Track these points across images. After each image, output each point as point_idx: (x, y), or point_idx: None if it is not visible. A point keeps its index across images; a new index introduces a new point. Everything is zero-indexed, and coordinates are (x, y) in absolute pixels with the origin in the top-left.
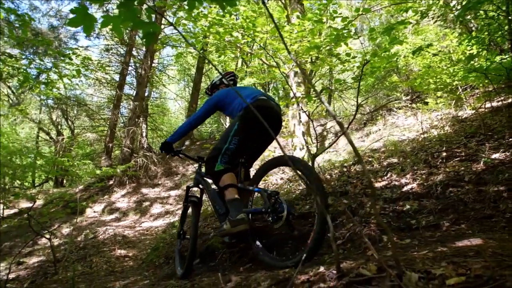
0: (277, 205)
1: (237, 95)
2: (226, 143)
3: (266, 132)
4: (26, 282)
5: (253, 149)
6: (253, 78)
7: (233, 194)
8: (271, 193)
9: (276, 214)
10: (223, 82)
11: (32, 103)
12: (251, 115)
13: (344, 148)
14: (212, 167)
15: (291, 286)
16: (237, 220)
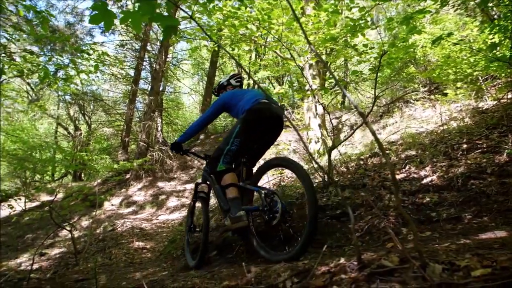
0: (273, 204)
1: (241, 97)
2: (228, 144)
3: (267, 133)
4: (48, 272)
5: (255, 150)
6: (267, 71)
7: (234, 193)
8: (268, 192)
9: (272, 212)
10: (231, 83)
11: (50, 99)
12: (252, 117)
13: (360, 141)
14: (214, 167)
15: (312, 277)
16: (237, 217)
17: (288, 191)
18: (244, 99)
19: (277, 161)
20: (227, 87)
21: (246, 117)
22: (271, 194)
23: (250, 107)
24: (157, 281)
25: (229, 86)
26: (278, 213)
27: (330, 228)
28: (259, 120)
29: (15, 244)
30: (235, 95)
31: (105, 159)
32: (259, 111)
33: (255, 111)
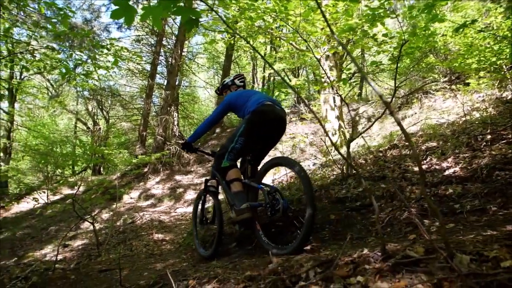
0: (275, 201)
1: (246, 98)
2: (233, 142)
3: (270, 134)
4: (72, 263)
5: (258, 149)
6: (283, 63)
7: (238, 187)
8: (270, 190)
9: (274, 209)
10: (235, 83)
11: (70, 95)
12: (256, 118)
13: (378, 133)
14: (219, 164)
15: (335, 267)
16: (241, 210)
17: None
18: (249, 100)
19: (279, 160)
20: (231, 87)
21: (251, 118)
22: (274, 192)
23: (255, 108)
24: (179, 271)
25: (233, 86)
26: (280, 210)
27: (350, 220)
28: (263, 121)
29: (39, 236)
30: (240, 96)
31: (123, 153)
32: (263, 113)
33: (259, 112)
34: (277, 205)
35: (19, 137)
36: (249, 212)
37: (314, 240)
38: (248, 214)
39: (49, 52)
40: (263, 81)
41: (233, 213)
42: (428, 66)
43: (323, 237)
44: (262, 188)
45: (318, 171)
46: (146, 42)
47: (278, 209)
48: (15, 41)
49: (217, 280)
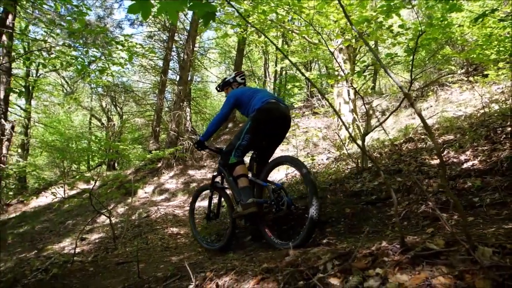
0: (280, 198)
1: (251, 95)
2: (240, 139)
3: (275, 131)
4: (90, 256)
5: (264, 147)
6: (295, 57)
7: (244, 182)
8: (275, 187)
9: (278, 205)
10: (236, 80)
11: (84, 91)
12: (262, 116)
13: (393, 126)
14: (227, 160)
15: (353, 260)
16: (247, 204)
17: (320, 177)
18: (254, 98)
19: (283, 159)
20: (232, 84)
21: (256, 115)
22: (279, 190)
23: (260, 106)
24: (196, 264)
25: (234, 83)
26: (284, 206)
27: (366, 214)
28: (268, 118)
29: (57, 229)
30: (246, 93)
31: (137, 149)
32: (268, 110)
33: (265, 110)
34: (281, 202)
35: (36, 134)
36: (255, 207)
37: (330, 234)
38: (254, 209)
39: (65, 49)
40: (275, 76)
41: (240, 207)
42: (444, 58)
43: (339, 230)
44: (267, 186)
45: (332, 165)
46: (158, 38)
47: (282, 206)
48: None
49: (235, 272)
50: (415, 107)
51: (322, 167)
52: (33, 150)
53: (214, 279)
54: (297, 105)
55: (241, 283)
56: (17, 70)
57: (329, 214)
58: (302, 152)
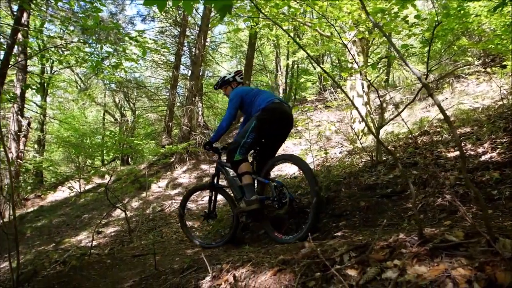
0: (281, 195)
1: (255, 95)
2: (245, 137)
3: (279, 131)
4: (106, 248)
5: (268, 145)
6: (307, 50)
7: (248, 180)
8: (277, 184)
9: (281, 202)
10: (236, 79)
11: (98, 88)
12: (267, 116)
13: (407, 119)
14: (232, 157)
15: (371, 252)
16: (251, 201)
17: (334, 171)
18: (257, 98)
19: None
20: (232, 83)
21: (262, 115)
22: (280, 186)
23: (265, 106)
24: (212, 256)
25: (234, 83)
26: (286, 203)
27: (381, 207)
28: (273, 118)
29: (74, 223)
30: (250, 93)
31: (150, 144)
32: (273, 110)
33: (270, 110)
34: (283, 199)
35: (51, 130)
36: (258, 203)
37: (345, 227)
38: (257, 205)
39: (80, 45)
40: (286, 69)
41: (243, 204)
42: (460, 49)
43: (354, 223)
44: (269, 183)
45: (346, 159)
46: (169, 33)
47: (285, 202)
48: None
49: (251, 263)
50: (434, 97)
51: (335, 161)
52: (49, 145)
53: (230, 271)
54: (310, 98)
55: (258, 274)
56: (32, 67)
57: (343, 208)
58: (315, 146)
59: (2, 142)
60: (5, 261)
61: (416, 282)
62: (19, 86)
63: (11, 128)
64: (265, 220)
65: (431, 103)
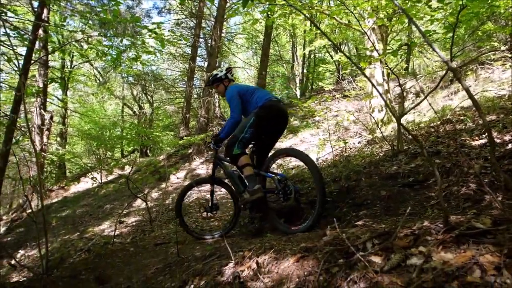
0: (287, 187)
1: (252, 93)
2: (243, 132)
3: (276, 127)
4: (128, 237)
5: (265, 141)
6: (324, 39)
7: (250, 171)
8: (281, 178)
9: (286, 194)
10: (228, 77)
11: (116, 81)
12: (264, 113)
13: (428, 108)
14: (231, 151)
15: (394, 239)
16: (254, 190)
17: (353, 161)
18: (254, 95)
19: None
20: (224, 81)
21: (260, 112)
22: (284, 180)
23: (264, 103)
24: (233, 244)
25: (226, 80)
26: (292, 196)
27: (403, 196)
28: (271, 115)
29: (96, 213)
30: (248, 91)
31: (168, 135)
32: (271, 108)
33: (268, 107)
34: (289, 191)
35: (72, 123)
36: (262, 192)
37: (365, 216)
38: (261, 194)
39: (101, 38)
40: (303, 59)
41: (247, 194)
42: (485, 34)
43: (375, 213)
44: (272, 177)
45: (365, 149)
46: (185, 25)
47: (290, 195)
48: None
49: (274, 250)
50: (462, 82)
51: (354, 151)
52: (71, 138)
53: (253, 257)
54: (327, 88)
55: (281, 261)
56: (53, 62)
57: (364, 197)
58: (332, 136)
59: (29, 136)
60: (33, 248)
61: (442, 268)
62: (41, 81)
63: (35, 122)
64: (271, 213)
65: (453, 91)
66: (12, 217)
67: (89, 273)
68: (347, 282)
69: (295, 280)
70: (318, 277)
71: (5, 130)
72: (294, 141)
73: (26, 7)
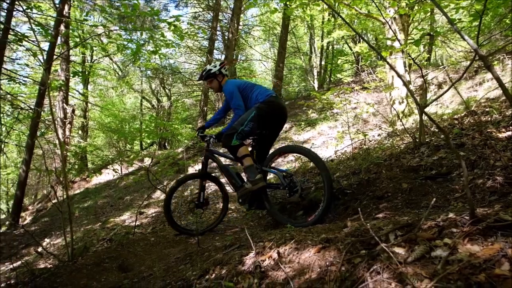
0: (292, 183)
1: (252, 89)
2: (243, 125)
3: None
4: (148, 228)
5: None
6: (343, 30)
7: (249, 161)
8: (287, 174)
9: (292, 190)
10: (222, 72)
11: (135, 75)
12: (266, 108)
13: (451, 99)
14: (229, 142)
15: (418, 230)
16: (256, 180)
17: (373, 153)
18: (255, 91)
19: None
20: (217, 76)
21: (262, 106)
22: (290, 176)
23: (266, 99)
24: (253, 235)
25: (219, 75)
26: (298, 191)
27: (425, 189)
28: (272, 111)
29: (117, 204)
30: (246, 86)
31: (186, 128)
32: (273, 103)
33: (270, 102)
34: (294, 187)
35: (93, 116)
36: (263, 181)
37: (386, 209)
38: (263, 183)
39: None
40: (321, 51)
41: (249, 184)
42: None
43: (396, 205)
44: (276, 173)
45: (385, 141)
46: (202, 18)
47: (296, 190)
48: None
49: (294, 241)
50: (492, 70)
51: (374, 143)
52: (92, 131)
53: (273, 248)
54: (346, 80)
55: (302, 251)
56: (74, 57)
57: (384, 189)
58: (351, 129)
59: (54, 128)
60: (58, 237)
61: (468, 260)
62: (63, 75)
63: (58, 115)
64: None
65: (478, 82)
66: (38, 207)
67: (112, 261)
68: (370, 272)
69: (316, 270)
70: (340, 267)
71: (30, 124)
72: (312, 133)
73: (48, 3)
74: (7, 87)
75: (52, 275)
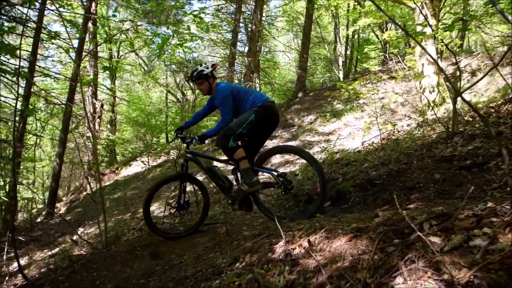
0: (287, 182)
1: (246, 93)
2: (241, 128)
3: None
4: (176, 218)
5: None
6: (369, 18)
7: (246, 164)
8: (281, 173)
9: (287, 188)
10: (213, 74)
11: (160, 69)
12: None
13: (486, 87)
14: (226, 143)
15: (455, 220)
16: (253, 182)
17: (403, 143)
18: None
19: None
20: (209, 78)
21: (260, 111)
22: (284, 175)
23: (263, 104)
24: (281, 224)
25: (211, 77)
26: (292, 190)
27: (459, 179)
28: (269, 115)
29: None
30: (240, 90)
31: (211, 121)
32: (270, 108)
33: (267, 107)
34: (289, 186)
35: (120, 110)
36: (260, 184)
37: (417, 199)
38: (260, 185)
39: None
40: (346, 40)
41: (245, 186)
42: None
43: (428, 196)
44: (271, 173)
45: (415, 131)
46: (225, 10)
47: (291, 189)
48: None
49: (324, 230)
50: None
51: (403, 134)
52: (120, 125)
53: (303, 237)
54: (373, 69)
55: (332, 240)
56: (101, 53)
57: (416, 180)
58: (379, 119)
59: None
60: (91, 227)
61: (510, 250)
62: (92, 71)
63: (88, 110)
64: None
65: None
66: (71, 198)
67: (144, 249)
68: (404, 261)
69: (348, 258)
70: (373, 256)
71: (63, 118)
72: (338, 125)
73: (77, 1)
74: (40, 84)
75: (88, 262)
